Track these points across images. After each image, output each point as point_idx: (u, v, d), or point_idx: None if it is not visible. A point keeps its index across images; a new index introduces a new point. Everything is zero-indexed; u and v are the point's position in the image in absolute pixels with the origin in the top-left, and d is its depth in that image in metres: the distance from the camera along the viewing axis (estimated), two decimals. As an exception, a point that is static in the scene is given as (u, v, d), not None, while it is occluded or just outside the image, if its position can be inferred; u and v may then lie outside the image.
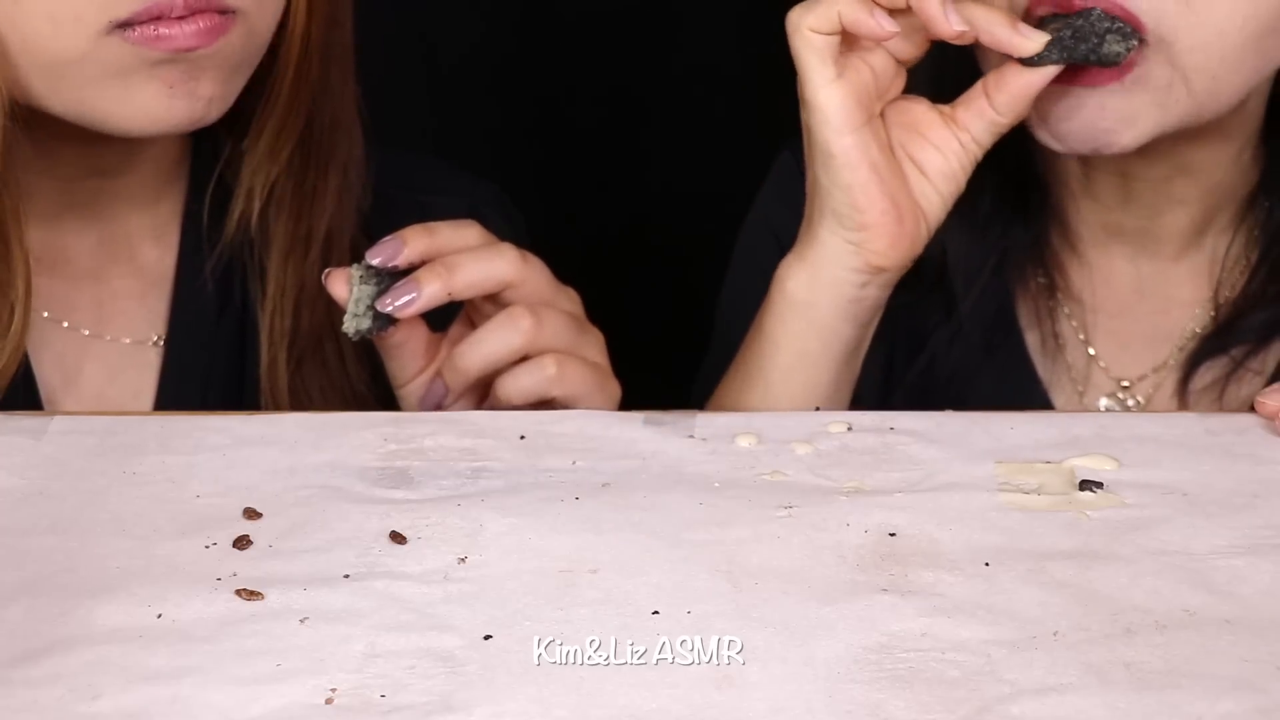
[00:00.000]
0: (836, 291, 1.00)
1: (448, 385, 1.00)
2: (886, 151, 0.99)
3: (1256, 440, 0.89)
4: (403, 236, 0.98)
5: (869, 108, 0.98)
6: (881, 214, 0.98)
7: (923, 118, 1.00)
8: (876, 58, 0.98)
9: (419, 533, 0.82)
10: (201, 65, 0.97)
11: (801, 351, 1.02)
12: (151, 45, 0.95)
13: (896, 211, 0.98)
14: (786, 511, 0.83)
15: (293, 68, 1.03)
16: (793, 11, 0.97)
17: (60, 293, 1.07)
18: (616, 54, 1.60)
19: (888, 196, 0.98)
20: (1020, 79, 0.97)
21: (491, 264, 0.99)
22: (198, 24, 0.95)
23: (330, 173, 1.08)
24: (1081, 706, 0.70)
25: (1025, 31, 0.96)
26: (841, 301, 1.01)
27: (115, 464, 0.88)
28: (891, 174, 0.99)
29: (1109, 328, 1.14)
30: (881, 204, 0.98)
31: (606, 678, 0.72)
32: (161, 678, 0.72)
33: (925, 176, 1.00)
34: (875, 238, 0.98)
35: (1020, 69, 0.97)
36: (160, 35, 0.95)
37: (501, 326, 0.99)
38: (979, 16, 0.96)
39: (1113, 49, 0.97)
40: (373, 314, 0.97)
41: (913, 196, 1.00)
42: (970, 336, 1.14)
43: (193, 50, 0.96)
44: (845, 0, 0.95)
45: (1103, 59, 0.97)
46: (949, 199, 1.01)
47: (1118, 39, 0.97)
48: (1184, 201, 1.10)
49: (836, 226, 0.99)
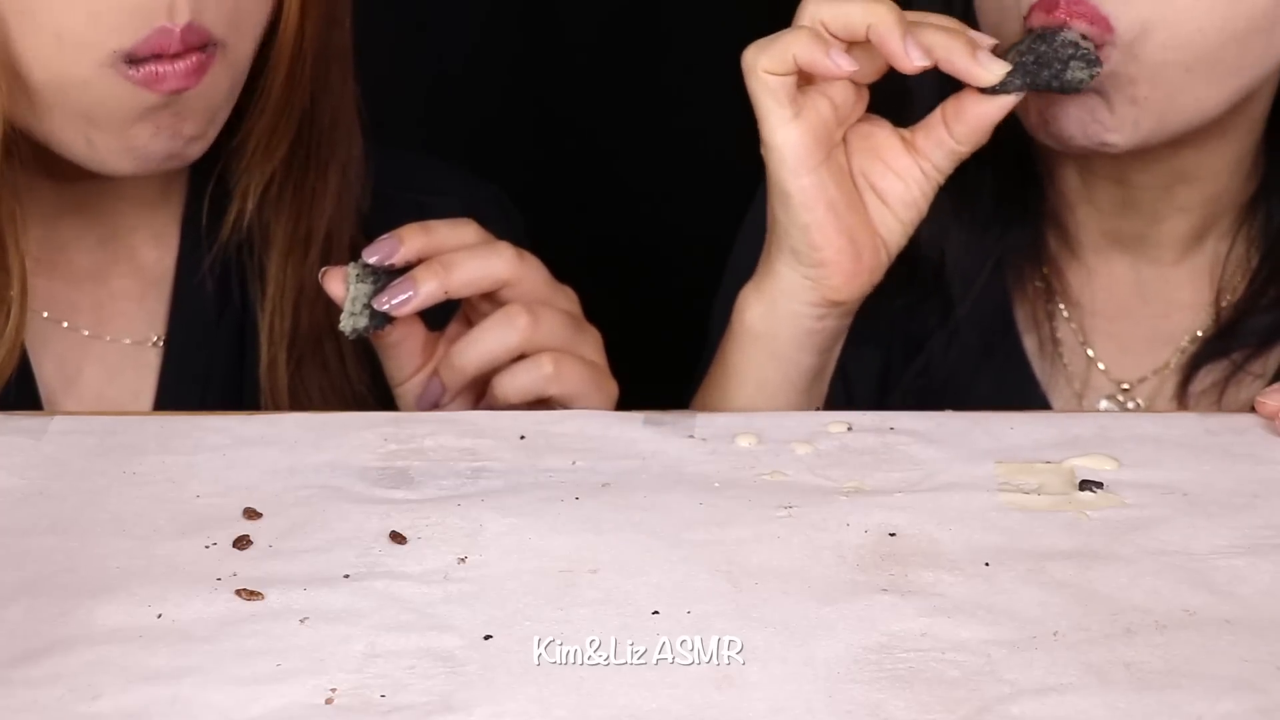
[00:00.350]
0: (794, 324, 1.00)
1: (444, 384, 1.00)
2: (845, 186, 0.98)
3: (1256, 440, 0.89)
4: (399, 235, 0.98)
5: (828, 143, 0.97)
6: (838, 252, 0.97)
7: (885, 144, 0.99)
8: (836, 88, 0.96)
9: (419, 533, 0.82)
10: (188, 107, 0.98)
11: (761, 381, 1.02)
12: (151, 87, 0.96)
13: (854, 249, 0.97)
14: (786, 511, 0.83)
15: (285, 66, 1.03)
16: (748, 51, 0.95)
17: (60, 293, 1.08)
18: (617, 54, 1.60)
19: (845, 234, 0.97)
20: (978, 108, 0.96)
21: (488, 262, 0.99)
22: (186, 62, 0.96)
23: (330, 173, 1.08)
24: (1081, 706, 0.70)
25: (984, 61, 0.94)
26: (799, 334, 1.00)
27: (115, 464, 0.88)
28: (850, 210, 0.97)
29: (1108, 331, 1.13)
30: (838, 242, 0.97)
31: (606, 678, 0.72)
32: (161, 678, 0.72)
33: (886, 205, 0.99)
34: (832, 274, 0.98)
35: (979, 98, 0.95)
36: (159, 75, 0.95)
37: (498, 325, 0.99)
38: (938, 45, 0.94)
39: (1076, 75, 0.96)
40: (369, 312, 0.97)
41: (871, 227, 0.98)
42: (968, 338, 1.13)
43: (182, 91, 0.96)
44: (800, 41, 0.94)
45: (1065, 85, 0.96)
46: (910, 225, 0.99)
47: (1081, 65, 0.96)
48: (1184, 209, 1.10)
49: (794, 262, 0.98)
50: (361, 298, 0.97)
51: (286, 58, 1.03)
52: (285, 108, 1.05)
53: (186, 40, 0.96)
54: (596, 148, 1.61)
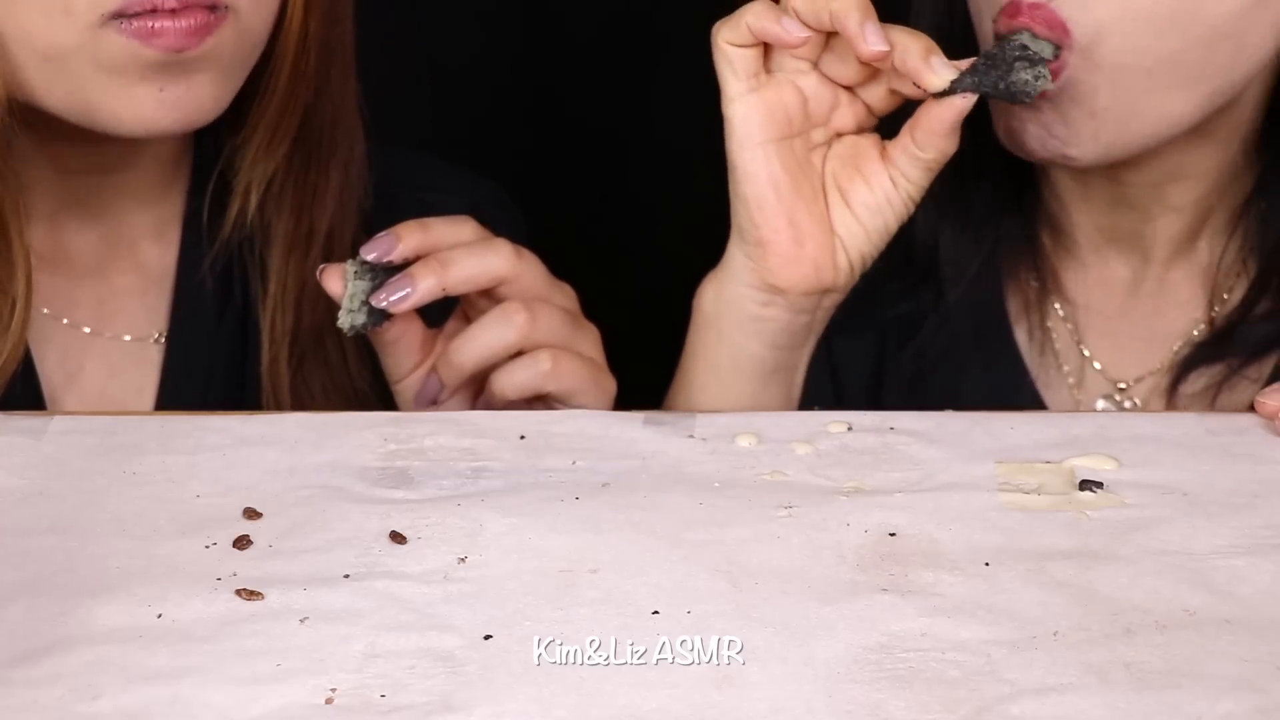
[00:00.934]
0: (739, 307, 1.00)
1: (443, 380, 1.00)
2: (800, 175, 0.98)
3: (1256, 440, 0.89)
4: (397, 232, 0.98)
5: (785, 126, 0.97)
6: (775, 232, 0.97)
7: (863, 151, 0.99)
8: (809, 80, 0.97)
9: (419, 533, 0.82)
10: (193, 67, 0.97)
11: (712, 364, 1.02)
12: (145, 40, 0.95)
13: (794, 234, 0.97)
14: (786, 511, 0.83)
15: (289, 63, 1.03)
16: (715, 26, 0.97)
17: (62, 290, 1.08)
18: (618, 52, 1.60)
19: (785, 216, 0.97)
20: (930, 112, 0.96)
21: (486, 259, 0.99)
22: (189, 20, 0.95)
23: (332, 171, 1.08)
24: (1081, 706, 0.70)
25: (935, 65, 0.94)
26: (743, 318, 1.00)
27: (115, 464, 0.88)
28: (798, 196, 0.97)
29: (1104, 330, 1.13)
30: (776, 222, 0.97)
31: (606, 678, 0.72)
32: (161, 678, 0.72)
33: (848, 207, 0.99)
34: (770, 255, 0.98)
35: (932, 101, 0.95)
36: (154, 29, 0.95)
37: (496, 321, 0.99)
38: (898, 41, 0.94)
39: (1021, 77, 0.95)
40: (367, 309, 0.97)
41: (826, 223, 0.98)
42: (958, 326, 1.14)
43: (183, 51, 0.96)
44: (756, 9, 0.95)
45: (1011, 87, 0.95)
46: (875, 233, 0.99)
47: (1025, 66, 0.95)
48: (1177, 207, 1.10)
49: (739, 240, 0.99)
50: (360, 294, 0.97)
51: (290, 55, 1.03)
52: (288, 105, 1.05)
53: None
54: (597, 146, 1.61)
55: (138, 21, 0.95)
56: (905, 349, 1.15)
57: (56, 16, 0.95)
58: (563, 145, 1.62)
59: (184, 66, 0.97)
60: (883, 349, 1.16)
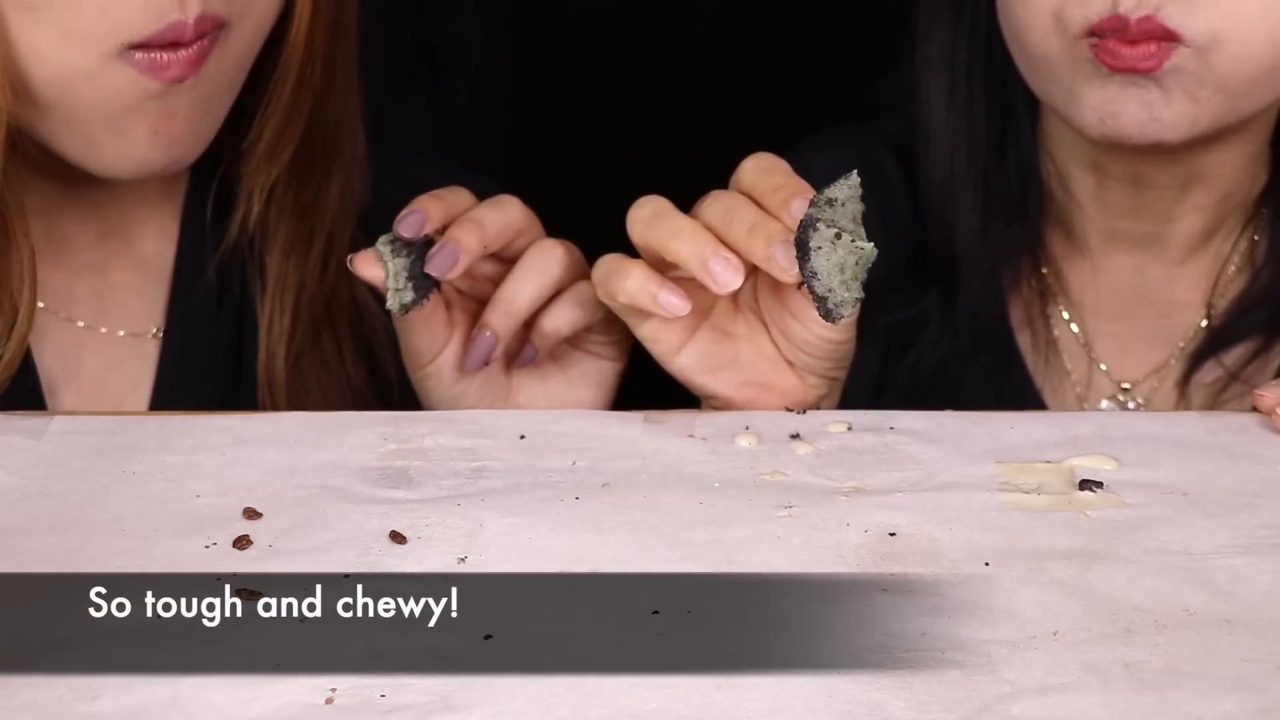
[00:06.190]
0: None
1: (497, 332, 0.99)
2: (730, 340, 0.96)
3: (1256, 440, 0.89)
4: (420, 206, 0.98)
5: (690, 326, 0.95)
6: (736, 389, 0.96)
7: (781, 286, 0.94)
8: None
9: (419, 532, 0.82)
10: (180, 100, 0.97)
11: None
12: (153, 73, 0.95)
13: (756, 389, 0.96)
14: (786, 511, 0.83)
15: (295, 71, 1.03)
16: (603, 260, 0.94)
17: (60, 284, 1.08)
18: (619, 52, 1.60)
19: (733, 385, 0.96)
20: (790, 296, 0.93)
21: (506, 213, 1.00)
22: (190, 50, 0.96)
23: (334, 174, 1.08)
24: (1081, 706, 0.70)
25: (778, 257, 0.89)
26: None
27: (115, 464, 0.88)
28: (738, 362, 0.96)
29: (1109, 331, 1.13)
30: (733, 391, 0.96)
31: (606, 678, 0.72)
32: (161, 678, 0.72)
33: (790, 341, 0.95)
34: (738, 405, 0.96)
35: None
36: (165, 61, 0.95)
37: (538, 260, 0.99)
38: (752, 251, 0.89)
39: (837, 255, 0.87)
40: (412, 284, 0.97)
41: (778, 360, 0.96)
42: (961, 333, 1.14)
43: (183, 80, 0.96)
44: (634, 279, 0.92)
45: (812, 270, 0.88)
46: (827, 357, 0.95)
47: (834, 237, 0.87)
48: (1199, 208, 1.10)
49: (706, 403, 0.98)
50: (402, 272, 0.97)
51: (297, 62, 1.03)
52: (294, 111, 1.05)
53: (200, 29, 0.96)
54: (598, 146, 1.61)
55: (152, 54, 0.95)
56: (906, 355, 1.15)
57: (74, 40, 0.94)
58: (562, 145, 1.62)
59: (175, 99, 0.97)
60: (885, 356, 1.15)
